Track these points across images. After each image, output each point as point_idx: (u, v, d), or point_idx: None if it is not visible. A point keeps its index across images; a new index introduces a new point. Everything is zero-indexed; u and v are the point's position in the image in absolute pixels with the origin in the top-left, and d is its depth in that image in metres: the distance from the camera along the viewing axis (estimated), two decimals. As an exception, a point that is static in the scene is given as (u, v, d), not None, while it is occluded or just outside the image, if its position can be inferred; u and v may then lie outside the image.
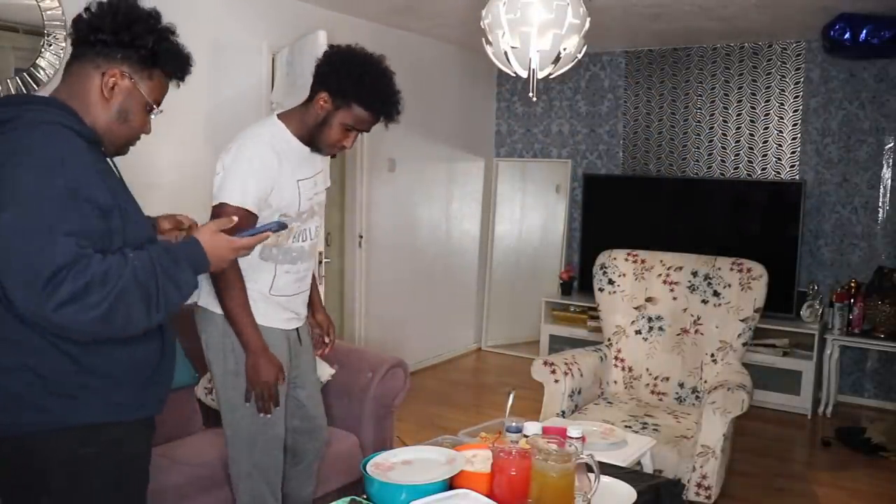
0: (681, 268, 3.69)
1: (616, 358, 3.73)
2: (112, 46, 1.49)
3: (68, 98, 1.50)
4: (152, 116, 1.60)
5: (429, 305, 5.51)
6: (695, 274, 3.64)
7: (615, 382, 3.70)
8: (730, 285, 3.54)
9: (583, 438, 1.99)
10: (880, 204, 4.82)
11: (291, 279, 2.18)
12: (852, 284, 4.68)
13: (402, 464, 1.83)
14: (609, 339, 3.77)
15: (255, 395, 2.08)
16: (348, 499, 1.68)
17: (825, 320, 4.76)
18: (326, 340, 2.46)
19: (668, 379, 3.60)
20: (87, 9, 1.51)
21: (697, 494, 2.95)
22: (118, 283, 1.35)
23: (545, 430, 1.99)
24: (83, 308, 1.31)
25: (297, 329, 2.27)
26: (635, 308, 3.73)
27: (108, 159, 1.59)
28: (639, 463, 2.63)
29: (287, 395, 2.25)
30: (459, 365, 5.77)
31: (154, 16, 1.54)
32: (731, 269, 3.56)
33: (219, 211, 1.98)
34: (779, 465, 3.88)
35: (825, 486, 3.61)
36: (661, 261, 3.75)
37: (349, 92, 2.04)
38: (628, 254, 3.83)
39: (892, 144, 4.76)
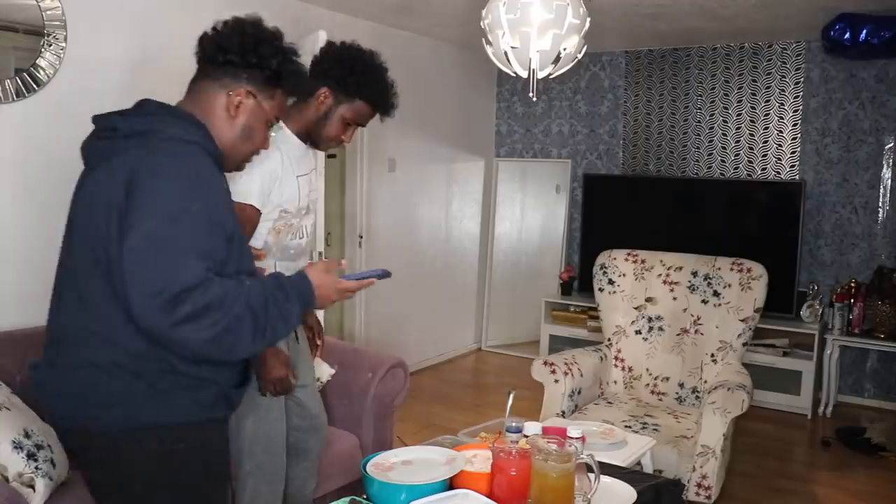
0: (681, 268, 3.69)
1: (616, 358, 3.73)
2: (239, 67, 1.56)
3: (194, 114, 1.57)
4: (272, 134, 1.66)
5: (429, 305, 5.51)
6: (695, 274, 3.64)
7: (615, 382, 3.70)
8: (730, 285, 3.54)
9: (583, 438, 1.99)
10: (880, 204, 4.82)
11: None
12: (852, 284, 4.68)
13: (402, 464, 1.83)
14: (609, 339, 3.77)
15: (270, 393, 2.11)
16: (348, 499, 1.68)
17: (825, 320, 4.76)
18: (318, 342, 2.47)
19: (668, 379, 3.60)
20: (213, 28, 1.59)
21: (697, 494, 2.95)
22: (232, 309, 1.39)
23: (545, 430, 1.99)
24: (197, 328, 1.36)
25: (295, 330, 2.28)
26: (635, 308, 3.73)
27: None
28: (639, 463, 2.63)
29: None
30: (459, 365, 5.77)
31: (278, 37, 1.60)
32: (731, 269, 3.56)
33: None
34: (779, 465, 3.88)
35: (825, 486, 3.61)
36: (661, 261, 3.75)
37: (352, 87, 2.08)
38: (628, 254, 3.83)
39: (892, 144, 4.76)
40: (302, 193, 2.16)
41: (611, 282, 3.79)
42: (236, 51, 1.55)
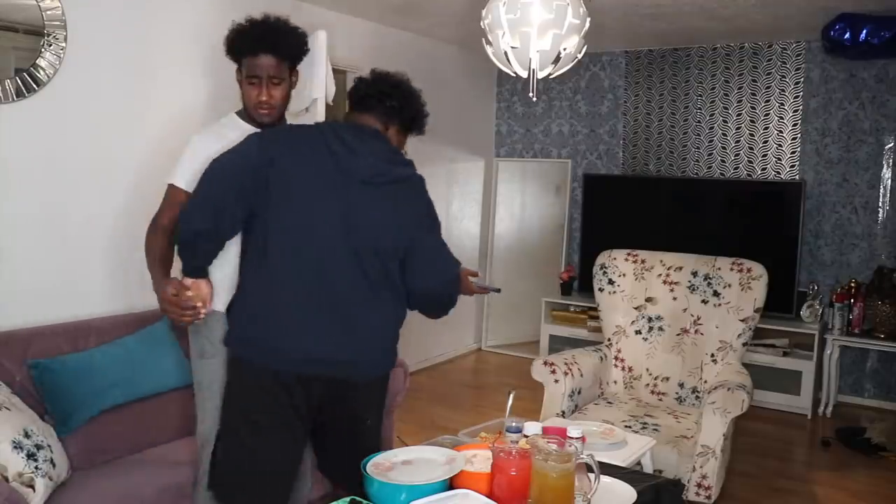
0: (681, 268, 3.69)
1: (616, 358, 3.73)
2: (396, 112, 2.10)
3: None
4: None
5: (429, 305, 5.50)
6: (695, 274, 3.64)
7: (615, 382, 3.70)
8: (730, 285, 3.53)
9: (583, 438, 1.99)
10: (880, 204, 4.82)
11: None
12: (852, 284, 4.68)
13: (402, 464, 1.83)
14: (609, 339, 3.77)
15: (170, 318, 2.10)
16: (348, 499, 1.68)
17: (825, 320, 4.76)
18: None
19: (668, 379, 3.60)
20: (376, 78, 2.12)
21: (697, 494, 2.95)
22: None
23: (545, 430, 1.99)
24: (456, 295, 2.18)
25: None
26: (635, 308, 3.73)
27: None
28: (639, 463, 2.63)
29: None
30: (459, 365, 5.77)
31: (419, 97, 2.18)
32: (731, 269, 3.56)
33: (168, 190, 2.22)
34: (779, 465, 3.89)
35: (825, 486, 3.61)
36: (661, 261, 3.75)
37: (234, 49, 2.20)
38: (628, 254, 3.83)
39: (892, 144, 4.76)
40: None
41: (611, 282, 3.79)
42: (397, 100, 2.10)
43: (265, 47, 2.14)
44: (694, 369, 3.55)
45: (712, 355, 3.51)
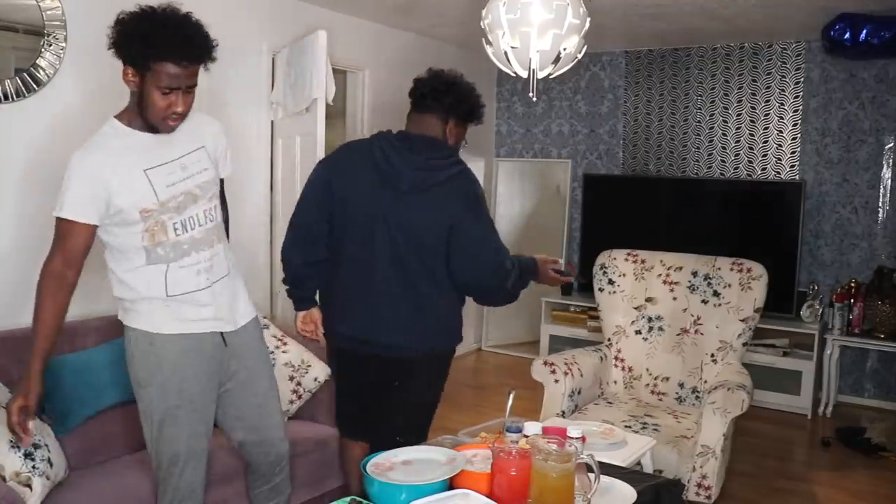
0: (681, 268, 3.68)
1: (616, 358, 3.72)
2: (453, 108, 2.35)
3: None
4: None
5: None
6: (695, 274, 3.64)
7: (615, 382, 3.70)
8: (730, 285, 3.53)
9: (583, 438, 1.99)
10: (880, 204, 4.82)
11: (190, 273, 2.03)
12: (852, 284, 4.68)
13: (402, 464, 1.83)
14: (609, 339, 3.77)
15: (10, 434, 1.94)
16: (348, 499, 1.68)
17: (825, 320, 4.76)
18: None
19: (668, 379, 3.60)
20: (431, 77, 2.40)
21: (697, 494, 2.95)
22: (514, 272, 2.36)
23: (545, 430, 1.99)
24: (505, 284, 2.35)
25: (222, 333, 2.12)
26: (635, 308, 3.73)
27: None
28: (639, 463, 2.63)
29: (217, 410, 2.18)
30: (459, 365, 5.74)
31: (476, 92, 2.43)
32: (731, 269, 3.56)
33: (57, 224, 1.95)
34: (779, 465, 3.88)
35: (825, 486, 3.61)
36: (661, 261, 3.75)
37: (143, 54, 1.87)
38: (628, 254, 3.83)
39: (892, 144, 4.76)
40: (158, 186, 1.96)
41: (611, 282, 3.79)
42: (453, 98, 2.34)
43: (187, 55, 1.87)
44: (694, 369, 3.55)
45: (712, 355, 3.51)
